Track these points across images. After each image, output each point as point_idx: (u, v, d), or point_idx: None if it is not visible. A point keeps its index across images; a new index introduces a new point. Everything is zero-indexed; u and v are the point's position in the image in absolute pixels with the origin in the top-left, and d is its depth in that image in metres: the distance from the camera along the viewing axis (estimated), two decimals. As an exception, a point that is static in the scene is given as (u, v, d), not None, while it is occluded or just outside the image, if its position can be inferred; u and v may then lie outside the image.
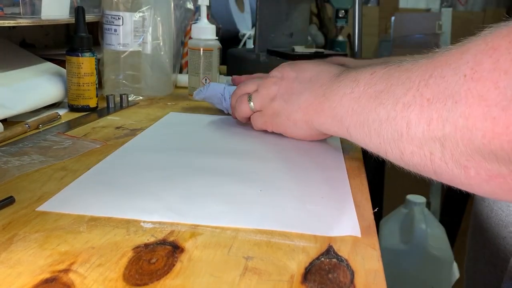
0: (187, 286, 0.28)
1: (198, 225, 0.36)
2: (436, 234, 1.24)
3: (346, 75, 0.47)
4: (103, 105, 0.74)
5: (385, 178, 1.81)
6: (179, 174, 0.46)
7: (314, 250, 0.33)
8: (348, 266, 0.32)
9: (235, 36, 1.32)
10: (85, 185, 0.43)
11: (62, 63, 0.74)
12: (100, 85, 0.75)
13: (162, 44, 0.82)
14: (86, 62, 0.69)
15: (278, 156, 0.54)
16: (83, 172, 0.46)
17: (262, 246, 0.33)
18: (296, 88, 0.53)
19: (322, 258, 0.32)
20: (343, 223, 0.37)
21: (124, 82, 0.80)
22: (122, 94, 0.76)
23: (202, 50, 0.80)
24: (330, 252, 0.33)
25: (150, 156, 0.52)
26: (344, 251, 0.33)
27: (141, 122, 0.67)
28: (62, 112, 0.69)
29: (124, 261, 0.31)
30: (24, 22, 0.66)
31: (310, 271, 0.31)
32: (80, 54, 0.69)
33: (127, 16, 0.78)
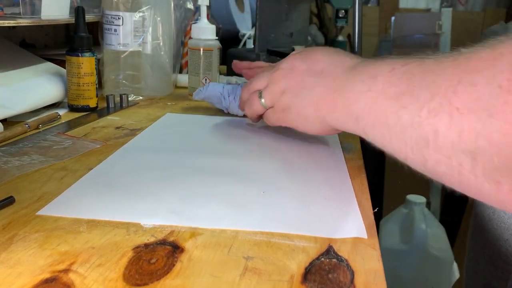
0: (187, 286, 0.28)
1: (198, 226, 0.36)
2: (436, 234, 1.24)
3: (361, 69, 0.43)
4: (103, 105, 0.74)
5: (385, 178, 1.81)
6: (179, 175, 0.46)
7: (314, 250, 0.33)
8: (348, 266, 0.32)
9: (235, 36, 1.32)
10: (85, 187, 0.43)
11: (62, 63, 0.74)
12: (100, 85, 0.75)
13: (162, 44, 0.82)
14: (86, 62, 0.69)
15: (278, 156, 0.54)
16: (83, 172, 0.46)
17: (262, 246, 0.33)
18: (306, 81, 0.50)
19: (322, 258, 0.32)
20: (348, 225, 0.37)
21: (124, 82, 0.80)
22: (122, 94, 0.76)
23: (202, 50, 0.80)
24: (330, 252, 0.33)
25: (150, 157, 0.52)
26: (344, 251, 0.33)
27: (141, 122, 0.67)
28: (62, 112, 0.69)
29: (124, 261, 0.31)
30: (24, 22, 0.66)
31: (310, 271, 0.31)
32: (80, 54, 0.69)
33: (127, 16, 0.78)
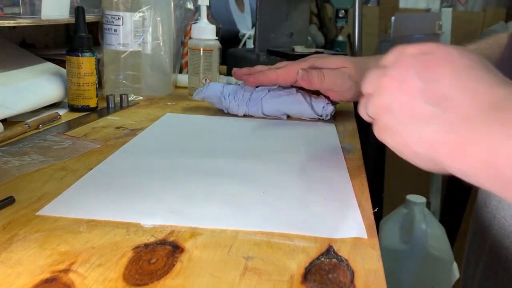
0: (187, 286, 0.28)
1: (198, 226, 0.36)
2: (436, 234, 1.24)
3: (510, 108, 0.32)
4: (103, 105, 0.74)
5: (385, 178, 1.81)
6: (179, 175, 0.46)
7: (314, 250, 0.33)
8: (348, 266, 0.32)
9: (235, 36, 1.32)
10: (85, 187, 0.43)
11: (62, 63, 0.74)
12: (100, 85, 0.75)
13: (162, 44, 0.82)
14: (86, 62, 0.69)
15: (278, 156, 0.54)
16: (83, 172, 0.46)
17: (262, 246, 0.33)
18: (419, 109, 0.36)
19: (322, 258, 0.32)
20: (348, 225, 0.37)
21: (124, 82, 0.80)
22: (122, 94, 0.76)
23: (202, 50, 0.80)
24: (330, 252, 0.33)
25: (150, 157, 0.52)
26: (344, 251, 0.33)
27: (141, 122, 0.67)
28: (62, 112, 0.69)
29: (124, 261, 0.31)
30: (24, 22, 0.66)
31: (310, 271, 0.31)
32: (80, 54, 0.69)
33: (127, 16, 0.78)
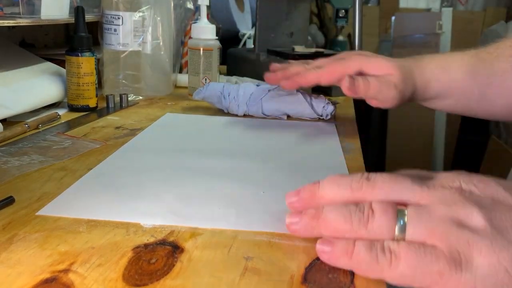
0: (187, 286, 0.28)
1: (198, 226, 0.36)
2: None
3: None
4: (103, 105, 0.74)
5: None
6: (179, 175, 0.46)
7: (314, 250, 0.33)
8: (348, 266, 0.31)
9: (235, 36, 1.32)
10: (84, 188, 0.43)
11: (61, 63, 0.74)
12: (99, 85, 0.75)
13: (162, 44, 0.82)
14: (85, 62, 0.69)
15: (278, 156, 0.54)
16: (83, 172, 0.46)
17: (262, 246, 0.33)
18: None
19: (322, 258, 0.32)
20: None
21: (124, 82, 0.80)
22: (121, 94, 0.76)
23: (202, 50, 0.80)
24: (330, 252, 0.33)
25: (150, 157, 0.52)
26: (344, 251, 0.33)
27: (140, 122, 0.67)
28: (61, 112, 0.69)
29: (124, 261, 0.31)
30: (23, 22, 0.66)
31: (310, 271, 0.31)
32: (79, 54, 0.69)
33: (127, 15, 0.78)
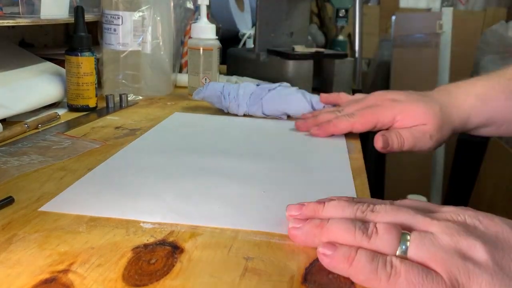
0: (187, 286, 0.28)
1: (198, 225, 0.36)
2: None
3: None
4: (103, 105, 0.74)
5: (385, 178, 1.81)
6: (179, 175, 0.46)
7: (314, 250, 0.33)
8: (348, 266, 0.31)
9: (235, 35, 1.32)
10: (86, 185, 0.43)
11: (61, 63, 0.74)
12: (99, 85, 0.75)
13: (161, 43, 0.82)
14: (85, 62, 0.69)
15: (278, 156, 0.54)
16: (83, 172, 0.46)
17: (262, 247, 0.33)
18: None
19: (323, 259, 0.32)
20: None
21: (123, 82, 0.80)
22: (121, 94, 0.76)
23: (202, 49, 0.80)
24: (330, 252, 0.33)
25: (151, 156, 0.52)
26: (344, 252, 0.33)
27: (140, 122, 0.66)
28: (61, 112, 0.69)
29: (123, 261, 0.31)
30: (23, 21, 0.66)
31: (310, 272, 0.31)
32: (79, 54, 0.68)
33: (127, 15, 0.78)
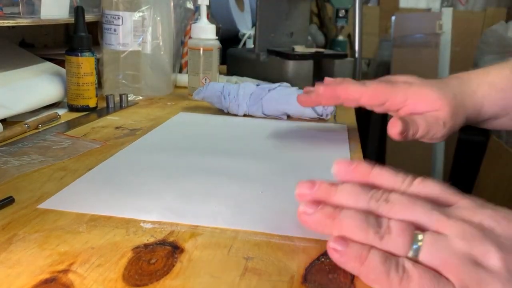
0: (187, 286, 0.28)
1: (197, 225, 0.36)
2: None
3: None
4: (103, 105, 0.74)
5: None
6: (178, 174, 0.46)
7: (314, 250, 0.33)
8: (348, 266, 0.31)
9: (235, 35, 1.32)
10: (86, 184, 0.43)
11: (61, 63, 0.74)
12: (99, 85, 0.75)
13: (161, 43, 0.82)
14: (85, 62, 0.69)
15: (278, 156, 0.54)
16: (83, 172, 0.46)
17: (262, 247, 0.33)
18: None
19: (322, 259, 0.32)
20: None
21: (123, 82, 0.80)
22: (121, 94, 0.76)
23: (202, 49, 0.80)
24: (330, 252, 0.33)
25: (152, 156, 0.52)
26: (344, 252, 0.33)
27: (140, 122, 0.66)
28: (61, 112, 0.69)
29: (123, 261, 0.31)
30: (23, 22, 0.66)
31: (310, 272, 0.31)
32: (79, 54, 0.69)
33: (127, 15, 0.78)
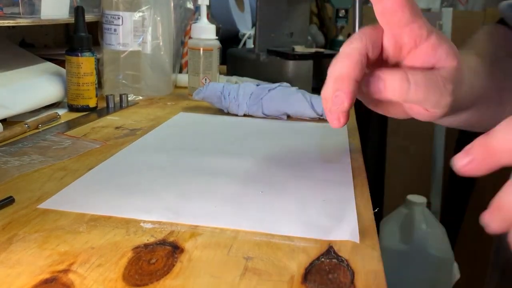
0: (187, 286, 0.28)
1: (197, 225, 0.36)
2: (436, 234, 1.24)
3: None
4: (103, 105, 0.74)
5: (385, 178, 1.81)
6: (178, 174, 0.46)
7: (314, 250, 0.33)
8: (348, 266, 0.32)
9: (235, 35, 1.32)
10: (86, 184, 0.43)
11: (61, 63, 0.74)
12: (99, 85, 0.75)
13: (162, 43, 0.82)
14: (85, 62, 0.69)
15: (278, 156, 0.54)
16: (83, 172, 0.46)
17: (262, 247, 0.33)
18: None
19: (322, 259, 0.32)
20: (342, 228, 0.37)
21: (123, 82, 0.80)
22: (121, 94, 0.76)
23: (202, 50, 0.80)
24: (330, 252, 0.33)
25: (152, 156, 0.52)
26: (344, 252, 0.33)
27: (140, 122, 0.67)
28: (61, 112, 0.69)
29: (123, 261, 0.31)
30: (23, 22, 0.66)
31: (310, 272, 0.31)
32: (79, 54, 0.69)
33: (127, 15, 0.78)
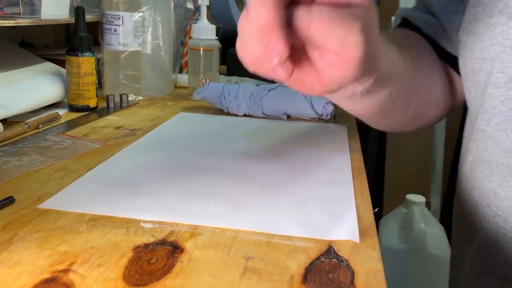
0: (187, 286, 0.28)
1: (198, 225, 0.36)
2: (435, 234, 1.24)
3: None
4: (103, 105, 0.74)
5: (385, 178, 1.81)
6: (180, 175, 0.46)
7: (314, 250, 0.33)
8: (348, 266, 0.32)
9: (235, 35, 1.32)
10: (86, 184, 0.43)
11: (62, 63, 0.74)
12: (100, 85, 0.75)
13: (162, 44, 0.82)
14: (86, 62, 0.69)
15: (278, 156, 0.54)
16: (83, 172, 0.46)
17: (262, 246, 0.33)
18: None
19: (322, 259, 0.32)
20: (342, 228, 0.37)
21: (124, 82, 0.80)
22: (122, 94, 0.76)
23: (202, 50, 0.80)
24: (330, 252, 0.33)
25: (152, 156, 0.52)
26: (344, 252, 0.33)
27: (141, 122, 0.67)
28: (62, 112, 0.69)
29: (124, 261, 0.31)
30: (23, 22, 0.66)
31: (310, 271, 0.31)
32: (80, 54, 0.69)
33: (127, 16, 0.78)
